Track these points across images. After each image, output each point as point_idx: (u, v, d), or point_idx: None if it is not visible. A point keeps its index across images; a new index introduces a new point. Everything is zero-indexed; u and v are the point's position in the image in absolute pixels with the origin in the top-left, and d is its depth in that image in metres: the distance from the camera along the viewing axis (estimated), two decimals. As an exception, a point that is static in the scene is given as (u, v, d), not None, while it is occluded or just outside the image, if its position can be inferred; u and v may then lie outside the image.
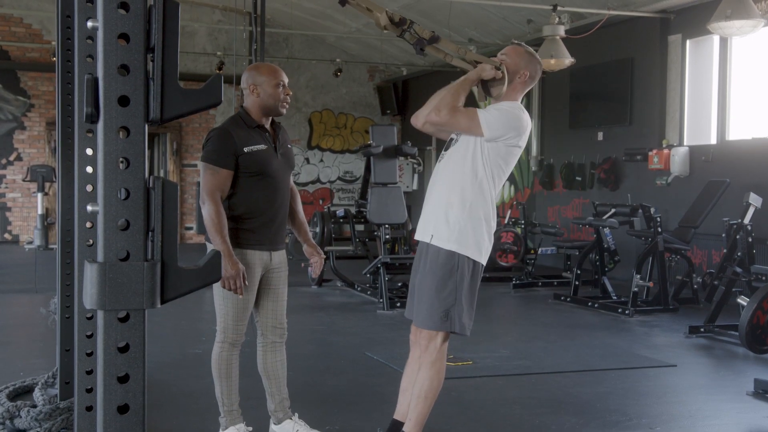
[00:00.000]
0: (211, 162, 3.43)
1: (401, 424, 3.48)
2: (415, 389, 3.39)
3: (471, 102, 3.45)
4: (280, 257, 3.67)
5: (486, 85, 3.42)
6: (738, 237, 6.96)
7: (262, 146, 3.51)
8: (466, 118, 3.28)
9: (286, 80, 3.56)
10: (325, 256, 3.90)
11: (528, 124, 3.40)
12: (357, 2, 3.23)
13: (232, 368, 3.61)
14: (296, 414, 3.82)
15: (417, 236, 3.46)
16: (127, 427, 1.21)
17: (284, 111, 3.56)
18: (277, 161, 3.57)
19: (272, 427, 3.79)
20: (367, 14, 3.29)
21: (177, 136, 15.09)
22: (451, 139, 3.43)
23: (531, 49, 3.47)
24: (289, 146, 3.72)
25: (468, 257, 3.30)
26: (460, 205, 3.29)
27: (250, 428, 3.70)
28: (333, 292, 9.09)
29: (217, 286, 3.52)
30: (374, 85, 16.43)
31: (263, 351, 3.73)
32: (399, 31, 3.27)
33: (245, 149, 3.45)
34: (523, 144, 3.40)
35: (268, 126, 3.59)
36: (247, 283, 3.41)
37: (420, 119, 3.37)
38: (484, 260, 3.36)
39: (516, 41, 3.56)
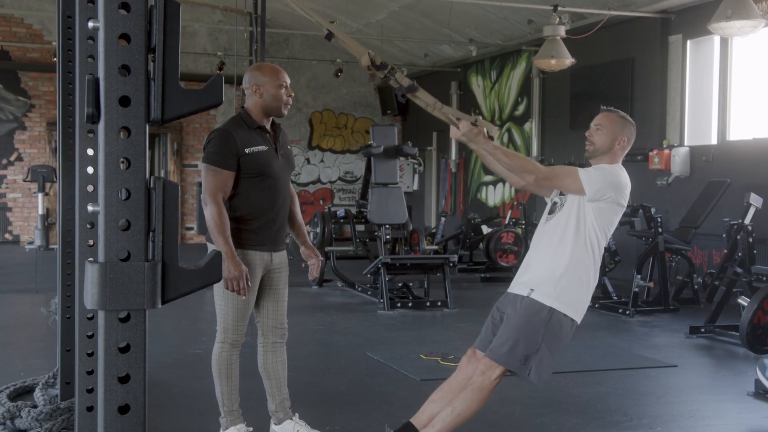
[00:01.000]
0: (212, 163, 3.43)
1: (415, 429, 3.44)
2: (455, 403, 3.36)
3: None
4: (280, 258, 3.67)
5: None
6: (738, 237, 6.96)
7: (263, 147, 3.51)
8: (568, 176, 3.34)
9: (288, 81, 3.56)
10: (322, 258, 3.89)
11: (628, 182, 3.43)
12: (342, 40, 3.27)
13: (233, 368, 3.61)
14: (297, 414, 3.82)
15: (513, 290, 3.44)
16: (128, 427, 1.21)
17: (286, 112, 3.57)
18: (277, 162, 3.57)
19: (273, 427, 3.79)
20: (353, 53, 3.33)
21: (178, 136, 15.10)
22: (555, 203, 3.45)
23: (622, 113, 3.53)
24: (288, 147, 3.72)
25: (565, 314, 3.32)
26: (566, 264, 3.31)
27: (251, 428, 3.70)
28: (333, 292, 9.09)
29: (217, 287, 3.52)
30: (375, 85, 16.43)
31: (264, 351, 3.73)
32: (382, 75, 3.32)
33: (246, 150, 3.44)
34: (625, 202, 3.43)
35: (268, 127, 3.59)
36: (250, 284, 3.41)
37: (520, 185, 3.52)
38: (579, 320, 3.39)
39: (605, 107, 3.57)
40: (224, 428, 3.66)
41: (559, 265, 3.31)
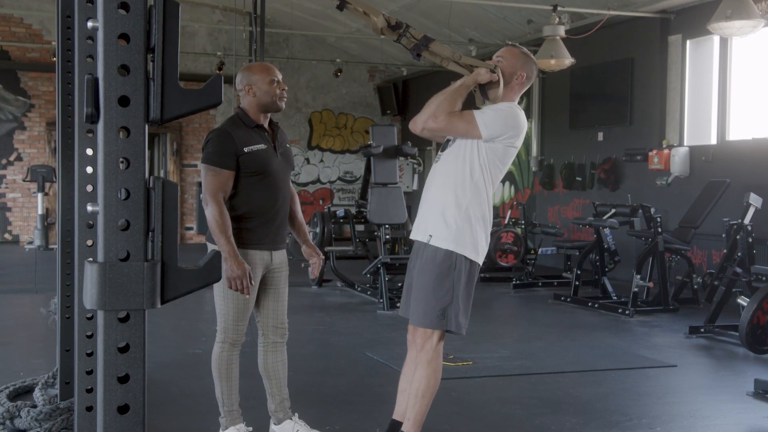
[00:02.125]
0: (212, 163, 3.44)
1: (400, 424, 3.48)
2: (413, 388, 3.39)
3: (471, 104, 3.45)
4: (281, 257, 3.67)
5: (483, 88, 3.43)
6: (738, 237, 6.96)
7: (261, 146, 3.51)
8: (464, 121, 3.30)
9: (279, 76, 3.57)
10: (323, 257, 3.90)
11: (525, 123, 3.41)
12: (354, 6, 3.25)
13: (233, 368, 3.61)
14: (296, 414, 3.82)
15: (413, 236, 3.47)
16: (128, 427, 1.21)
17: (282, 106, 3.57)
18: (277, 160, 3.57)
19: (272, 427, 3.79)
20: (364, 18, 3.31)
21: (177, 136, 15.09)
22: (448, 140, 3.44)
23: (526, 50, 3.50)
24: (287, 146, 3.73)
25: (465, 257, 3.32)
26: (457, 205, 3.31)
27: (250, 428, 3.70)
28: (333, 292, 9.09)
29: (217, 286, 3.52)
30: (374, 85, 16.43)
31: (264, 351, 3.73)
32: (396, 36, 3.29)
33: (245, 149, 3.45)
34: (520, 144, 3.41)
35: (266, 125, 3.60)
36: (252, 283, 3.41)
37: (418, 125, 3.40)
38: (480, 260, 3.39)
39: (510, 42, 3.58)
40: (224, 428, 3.66)
41: (450, 205, 3.30)
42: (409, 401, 3.40)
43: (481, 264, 3.40)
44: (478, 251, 3.36)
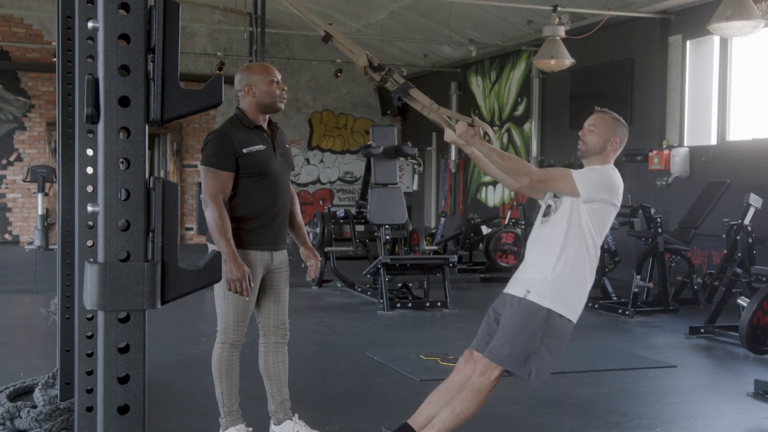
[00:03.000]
0: (211, 165, 3.43)
1: (412, 429, 3.44)
2: (454, 404, 3.36)
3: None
4: (281, 257, 3.67)
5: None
6: (738, 238, 6.96)
7: (261, 147, 3.51)
8: (562, 179, 3.35)
9: (279, 76, 3.57)
10: (321, 259, 3.89)
11: (620, 183, 3.44)
12: (339, 42, 3.25)
13: (233, 369, 3.61)
14: (296, 415, 3.82)
15: (508, 290, 3.45)
16: (128, 427, 1.21)
17: (282, 106, 3.57)
18: (276, 161, 3.57)
19: (272, 427, 3.79)
20: (349, 55, 3.30)
21: (177, 136, 15.10)
22: (549, 206, 3.46)
23: (615, 115, 3.54)
24: (287, 146, 3.73)
25: (561, 315, 3.32)
26: (562, 266, 3.31)
27: (251, 429, 3.70)
28: (333, 292, 9.09)
29: (218, 287, 3.52)
30: (374, 85, 16.43)
31: (265, 351, 3.72)
32: (378, 76, 3.29)
33: (244, 150, 3.45)
34: (619, 203, 3.44)
35: (265, 126, 3.59)
36: (252, 284, 3.40)
37: (514, 187, 3.50)
38: (575, 320, 3.39)
39: (599, 108, 3.58)
40: (224, 428, 3.66)
41: (555, 267, 3.32)
42: (444, 413, 3.37)
43: (575, 323, 3.40)
44: (575, 312, 3.37)
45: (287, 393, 3.78)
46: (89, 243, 2.73)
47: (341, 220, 9.80)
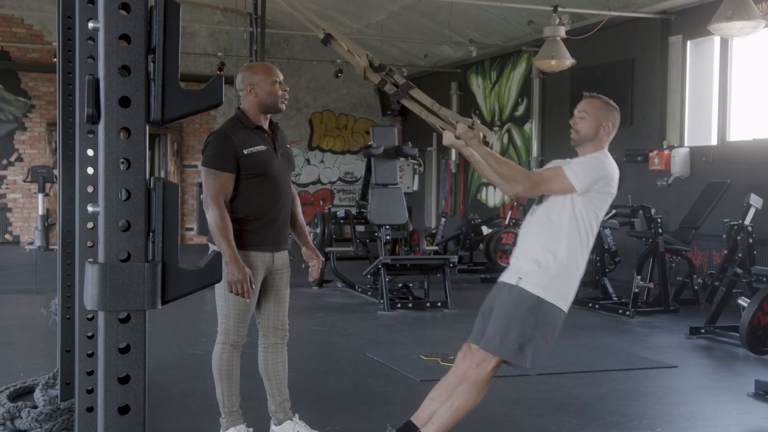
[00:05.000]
0: (212, 166, 3.42)
1: (416, 427, 3.45)
2: (452, 398, 3.36)
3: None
4: (282, 258, 3.66)
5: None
6: (738, 238, 6.96)
7: (261, 147, 3.50)
8: (555, 180, 3.32)
9: (281, 77, 3.56)
10: (323, 259, 3.89)
11: (616, 170, 3.41)
12: (339, 44, 3.23)
13: (233, 369, 3.61)
14: (297, 415, 3.82)
15: (503, 279, 3.46)
16: (128, 428, 1.21)
17: (284, 107, 3.56)
18: (277, 161, 3.56)
19: (273, 428, 3.79)
20: (348, 57, 3.28)
21: (178, 137, 15.10)
22: (543, 194, 3.44)
23: (605, 98, 3.51)
24: (288, 146, 3.72)
25: (553, 304, 3.30)
26: (553, 254, 3.29)
27: (251, 429, 3.70)
28: (333, 293, 9.08)
29: (218, 287, 3.52)
30: (375, 86, 16.41)
31: (264, 352, 3.72)
32: (378, 78, 3.26)
33: (245, 151, 3.44)
34: (615, 189, 3.40)
35: (266, 126, 3.58)
36: (253, 286, 3.40)
37: (510, 193, 3.50)
38: (566, 309, 3.37)
39: (589, 93, 3.57)
40: (224, 429, 3.66)
41: (547, 255, 3.30)
42: (443, 408, 3.37)
43: (566, 312, 3.38)
44: (566, 301, 3.35)
45: (287, 393, 3.78)
46: (90, 243, 2.73)
47: (342, 221, 9.80)
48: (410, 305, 7.98)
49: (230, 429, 3.65)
